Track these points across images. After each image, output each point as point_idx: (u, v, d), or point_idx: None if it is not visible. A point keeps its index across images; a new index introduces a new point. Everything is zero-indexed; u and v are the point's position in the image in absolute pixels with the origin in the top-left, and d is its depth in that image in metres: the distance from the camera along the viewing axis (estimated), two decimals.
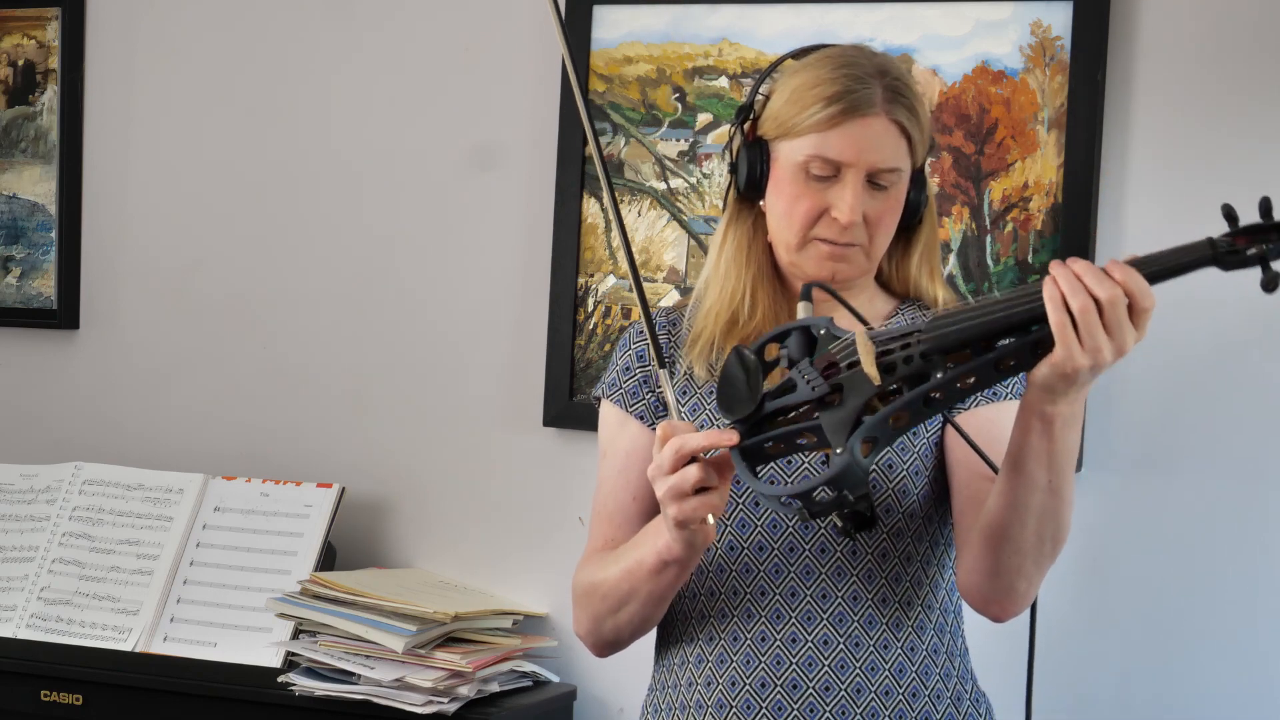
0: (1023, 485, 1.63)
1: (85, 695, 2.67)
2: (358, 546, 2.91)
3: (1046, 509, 1.64)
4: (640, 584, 1.74)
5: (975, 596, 1.76)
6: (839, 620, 1.78)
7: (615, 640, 1.83)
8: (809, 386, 1.57)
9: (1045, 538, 1.66)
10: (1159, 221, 2.48)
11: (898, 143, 1.77)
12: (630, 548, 1.76)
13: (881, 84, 1.76)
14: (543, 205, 2.81)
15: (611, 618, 1.80)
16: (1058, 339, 1.49)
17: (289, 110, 3.01)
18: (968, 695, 1.84)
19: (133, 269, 3.11)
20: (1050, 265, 1.51)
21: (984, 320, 1.52)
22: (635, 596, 1.76)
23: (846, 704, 1.76)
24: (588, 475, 2.36)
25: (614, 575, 1.77)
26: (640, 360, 1.89)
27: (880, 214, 1.77)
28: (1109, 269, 1.49)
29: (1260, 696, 2.43)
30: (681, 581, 1.74)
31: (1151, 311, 1.49)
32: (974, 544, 1.73)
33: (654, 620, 1.81)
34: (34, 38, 3.17)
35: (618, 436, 1.89)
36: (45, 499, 2.91)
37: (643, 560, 1.72)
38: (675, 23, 2.71)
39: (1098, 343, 1.48)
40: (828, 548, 1.78)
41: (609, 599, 1.78)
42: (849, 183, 1.75)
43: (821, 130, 1.75)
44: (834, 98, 1.75)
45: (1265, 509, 2.43)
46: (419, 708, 2.45)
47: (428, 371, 2.90)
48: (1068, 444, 1.60)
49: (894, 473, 1.79)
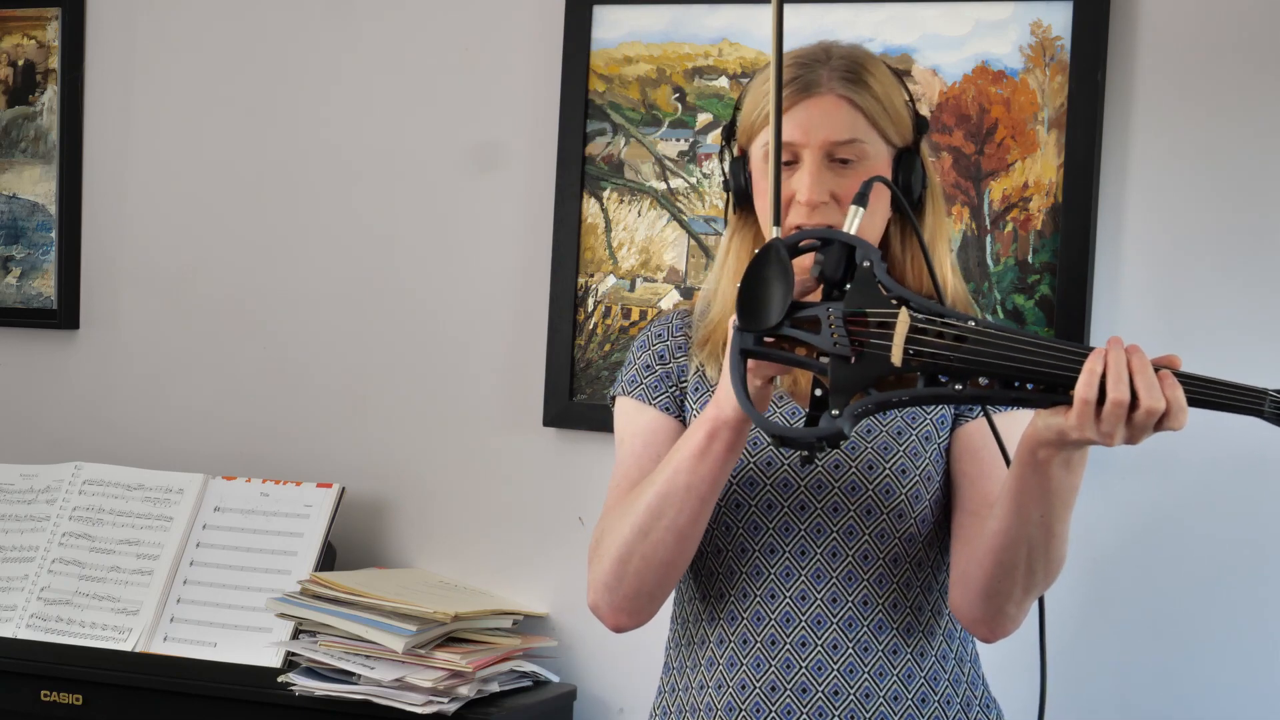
0: (1017, 516, 1.62)
1: (85, 695, 2.67)
2: (358, 546, 2.91)
3: (1038, 542, 1.64)
4: (684, 479, 1.67)
5: (965, 616, 1.76)
6: (849, 625, 1.78)
7: (638, 586, 1.75)
8: (831, 338, 1.53)
9: (1036, 569, 1.66)
10: (1159, 222, 2.49)
11: (851, 116, 1.75)
12: (668, 456, 1.71)
13: (828, 66, 1.76)
14: (543, 205, 2.81)
15: (642, 543, 1.71)
16: (1076, 411, 1.46)
17: (289, 110, 3.01)
18: (977, 701, 1.84)
19: (133, 269, 3.11)
20: (1110, 342, 1.47)
21: (1022, 360, 1.47)
22: (674, 499, 1.68)
23: (856, 709, 1.76)
24: (588, 475, 2.36)
25: (648, 493, 1.71)
26: (661, 359, 1.88)
27: (850, 190, 1.74)
28: (1163, 379, 1.45)
29: (1263, 697, 2.43)
30: (724, 471, 1.68)
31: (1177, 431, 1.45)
32: (967, 565, 1.74)
33: (685, 547, 1.72)
34: (34, 38, 3.17)
35: (638, 419, 1.86)
36: (45, 499, 2.91)
37: (689, 448, 1.67)
38: (675, 23, 2.71)
39: (1112, 430, 1.46)
40: (839, 552, 1.78)
41: (641, 519, 1.71)
42: (806, 163, 1.74)
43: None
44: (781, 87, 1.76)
45: (1265, 508, 2.43)
46: (419, 708, 2.45)
47: (428, 371, 2.90)
48: (1063, 484, 1.58)
49: (907, 477, 1.79)
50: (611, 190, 2.76)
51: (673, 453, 1.71)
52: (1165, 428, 1.45)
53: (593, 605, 1.80)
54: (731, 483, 1.79)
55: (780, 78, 1.65)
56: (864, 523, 1.78)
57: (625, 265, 2.75)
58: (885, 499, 1.78)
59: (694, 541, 1.73)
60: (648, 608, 1.78)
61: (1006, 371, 1.48)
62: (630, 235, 2.75)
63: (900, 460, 1.79)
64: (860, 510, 1.78)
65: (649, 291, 2.73)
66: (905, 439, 1.80)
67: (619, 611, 1.78)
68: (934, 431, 1.81)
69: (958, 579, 1.76)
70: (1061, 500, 1.60)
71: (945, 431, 1.82)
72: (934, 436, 1.81)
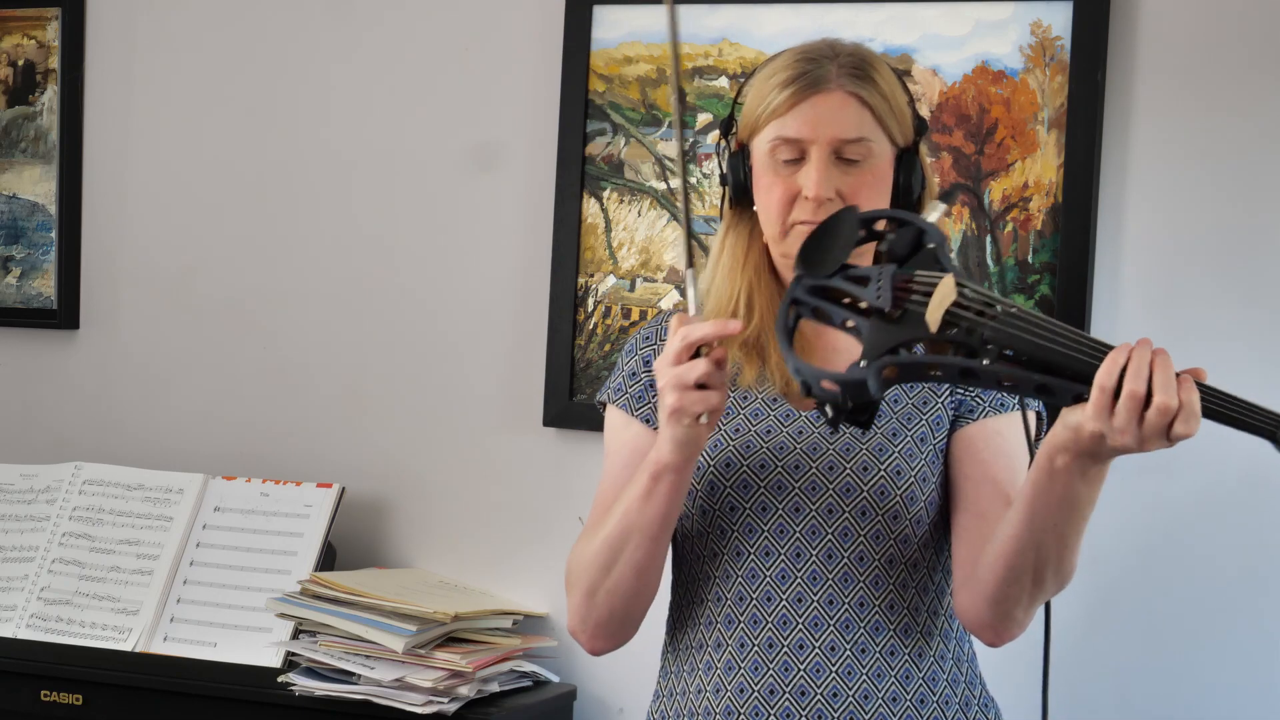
0: (1031, 523, 1.62)
1: (85, 695, 2.67)
2: (358, 546, 2.91)
3: (1050, 550, 1.63)
4: (634, 518, 1.71)
5: (971, 620, 1.76)
6: (846, 626, 1.77)
7: (609, 614, 1.78)
8: (876, 293, 1.54)
9: (1047, 576, 1.66)
10: (1159, 222, 2.49)
11: (859, 114, 1.76)
12: (620, 497, 1.75)
13: (836, 62, 1.76)
14: (543, 205, 2.81)
15: (605, 579, 1.75)
16: (1093, 401, 1.46)
17: (289, 110, 3.01)
18: (976, 701, 1.84)
19: (133, 269, 3.11)
20: (1139, 342, 1.47)
21: (1052, 344, 1.48)
22: (629, 538, 1.72)
23: (854, 710, 1.76)
24: (588, 475, 2.36)
25: (607, 526, 1.74)
26: (646, 366, 1.88)
27: (855, 188, 1.75)
28: (1182, 382, 1.45)
29: (1262, 698, 2.43)
30: (672, 508, 1.71)
31: (1189, 438, 1.45)
32: (975, 569, 1.73)
33: (647, 581, 1.76)
34: (34, 38, 3.17)
35: (622, 435, 1.88)
36: (45, 499, 2.91)
37: (634, 492, 1.70)
38: None
39: (1125, 426, 1.45)
40: (835, 553, 1.78)
41: (600, 554, 1.75)
42: (813, 159, 1.75)
43: (780, 115, 1.76)
44: (787, 81, 1.76)
45: (1265, 509, 2.43)
46: (419, 708, 2.45)
47: (428, 371, 2.90)
48: (1080, 495, 1.58)
49: (902, 479, 1.78)
50: (611, 190, 2.76)
51: (624, 493, 1.74)
52: (1176, 433, 1.45)
53: (570, 630, 1.84)
54: (725, 485, 1.79)
55: (680, 84, 1.67)
56: (859, 524, 1.78)
57: (625, 265, 2.75)
58: (880, 500, 1.77)
59: (655, 574, 1.77)
60: (620, 633, 1.82)
61: (1036, 351, 1.48)
62: (630, 235, 2.75)
63: (895, 461, 1.78)
64: (855, 511, 1.77)
65: (649, 291, 2.73)
66: (900, 440, 1.80)
67: (594, 638, 1.82)
68: (929, 433, 1.81)
69: (964, 582, 1.75)
70: (1077, 511, 1.60)
71: (942, 433, 1.82)
72: (929, 438, 1.81)
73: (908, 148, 1.80)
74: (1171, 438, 1.45)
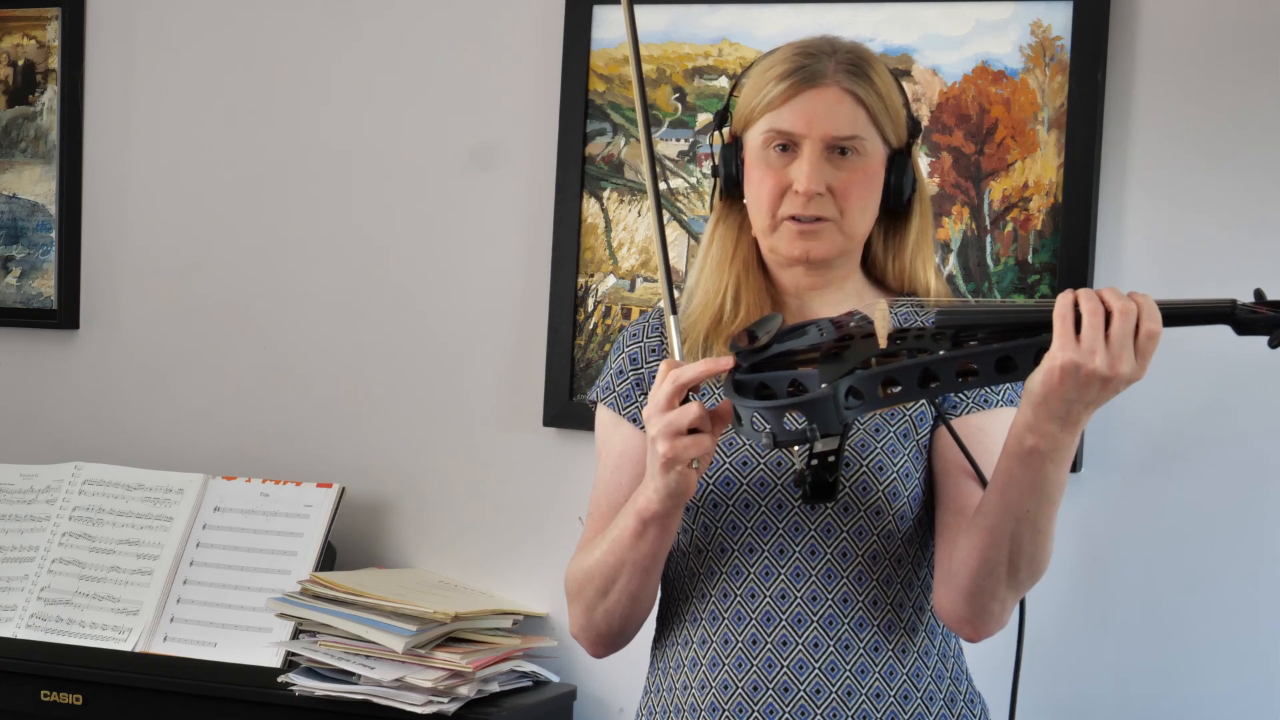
0: (1003, 511, 1.63)
1: (85, 695, 2.67)
2: (358, 546, 2.91)
3: (1023, 539, 1.64)
4: (625, 553, 1.74)
5: (949, 615, 1.76)
6: (829, 623, 1.77)
7: (608, 629, 1.82)
8: (819, 333, 1.59)
9: (1021, 566, 1.67)
10: (1159, 222, 2.49)
11: (854, 111, 1.77)
12: (613, 524, 1.77)
13: (833, 58, 1.78)
14: (543, 205, 2.81)
15: (602, 601, 1.79)
16: (1056, 332, 1.50)
17: (289, 110, 3.01)
18: (961, 697, 1.84)
19: (133, 269, 3.11)
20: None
21: (996, 311, 1.53)
22: (621, 570, 1.76)
23: (838, 706, 1.76)
24: (587, 475, 2.36)
25: (600, 553, 1.78)
26: (633, 363, 1.89)
27: (847, 185, 1.77)
28: (1131, 294, 1.51)
29: (1259, 698, 2.43)
30: (663, 546, 1.74)
31: (1156, 341, 1.50)
32: (950, 563, 1.74)
33: (643, 601, 1.81)
34: (34, 38, 3.17)
35: (611, 437, 1.89)
36: (45, 499, 2.91)
37: (625, 528, 1.73)
38: (675, 23, 2.71)
39: (1093, 344, 1.49)
40: (818, 550, 1.78)
41: (595, 579, 1.79)
42: (806, 153, 1.76)
43: (776, 108, 1.77)
44: (784, 75, 1.77)
45: (1265, 510, 2.43)
46: (419, 708, 2.45)
47: (428, 371, 2.90)
48: (1051, 479, 1.60)
49: (884, 474, 1.78)
50: (611, 190, 2.76)
51: (614, 525, 1.77)
52: (1144, 332, 1.50)
53: (573, 635, 1.88)
54: (708, 482, 1.80)
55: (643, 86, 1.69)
56: (842, 520, 1.78)
57: (625, 265, 2.75)
58: (863, 496, 1.77)
59: (651, 595, 1.81)
60: (621, 640, 1.85)
61: (988, 319, 1.54)
62: (630, 235, 2.75)
63: (877, 457, 1.79)
64: (838, 508, 1.78)
65: (649, 291, 2.73)
66: (883, 436, 1.80)
67: (595, 645, 1.86)
68: (912, 429, 1.81)
69: (942, 578, 1.76)
70: (1048, 497, 1.61)
71: (924, 429, 1.82)
72: (912, 434, 1.81)
73: (901, 148, 1.81)
74: (1139, 343, 1.50)
